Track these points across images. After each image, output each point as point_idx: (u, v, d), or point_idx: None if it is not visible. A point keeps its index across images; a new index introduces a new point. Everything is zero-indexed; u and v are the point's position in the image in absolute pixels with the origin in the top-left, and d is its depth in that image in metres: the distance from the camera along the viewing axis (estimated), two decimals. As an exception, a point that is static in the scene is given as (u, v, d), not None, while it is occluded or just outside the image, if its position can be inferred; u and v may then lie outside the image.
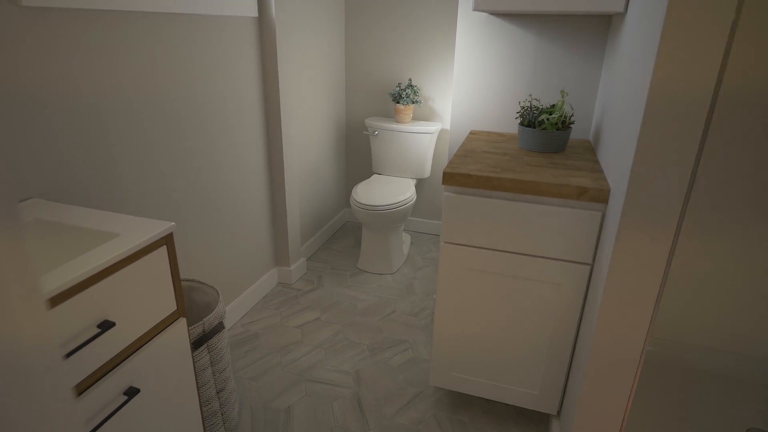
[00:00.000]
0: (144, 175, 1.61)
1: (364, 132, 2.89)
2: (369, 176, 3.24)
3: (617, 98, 1.36)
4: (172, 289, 1.16)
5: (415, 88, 2.83)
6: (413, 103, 2.82)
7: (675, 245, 1.09)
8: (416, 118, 3.00)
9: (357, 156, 3.25)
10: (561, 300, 1.43)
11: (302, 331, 2.18)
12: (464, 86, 1.96)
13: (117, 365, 1.03)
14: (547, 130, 1.59)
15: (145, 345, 1.10)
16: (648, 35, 1.06)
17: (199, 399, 1.32)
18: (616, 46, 1.53)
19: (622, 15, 1.51)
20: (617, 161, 1.23)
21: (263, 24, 2.11)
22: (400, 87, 2.84)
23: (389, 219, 2.50)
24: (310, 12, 2.54)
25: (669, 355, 1.99)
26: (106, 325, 0.96)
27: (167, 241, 1.13)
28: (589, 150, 1.69)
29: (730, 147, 1.70)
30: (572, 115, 1.67)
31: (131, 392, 1.05)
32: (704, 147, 1.69)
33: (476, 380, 1.65)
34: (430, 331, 2.20)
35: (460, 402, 1.79)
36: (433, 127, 2.78)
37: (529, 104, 1.85)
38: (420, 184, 3.18)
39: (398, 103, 2.82)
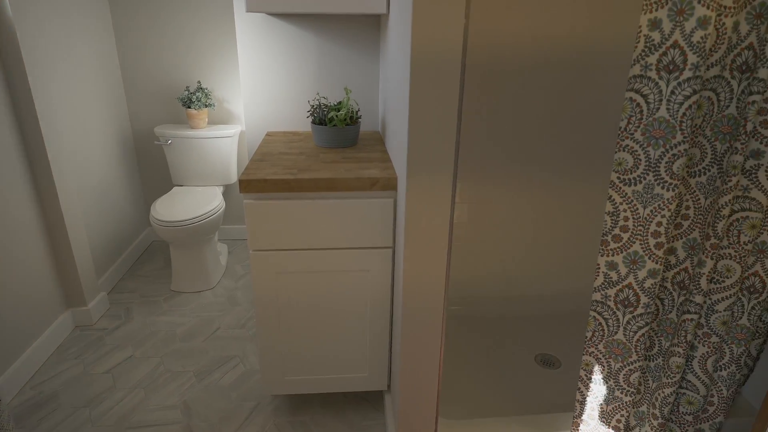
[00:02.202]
0: None
1: (156, 142, 2.64)
2: (170, 189, 2.98)
3: (391, 90, 1.49)
4: None
5: (206, 90, 2.68)
6: (206, 106, 2.67)
7: (453, 213, 1.25)
8: (213, 121, 2.85)
9: (152, 169, 2.96)
10: (372, 284, 1.53)
11: (113, 376, 1.92)
12: (254, 87, 1.93)
13: None
14: (337, 126, 1.66)
15: None
16: (404, 25, 1.18)
17: (-25, 495, 1.08)
18: (386, 42, 1.66)
19: (387, 15, 1.64)
20: (398, 149, 1.34)
21: (-4, 28, 1.75)
22: (189, 91, 2.66)
23: (197, 233, 2.35)
24: (63, 13, 2.20)
25: (470, 310, 2.29)
26: None
27: None
28: (379, 141, 1.82)
29: (483, 109, 1.99)
30: (358, 110, 1.77)
31: None
32: (462, 117, 1.96)
33: (309, 378, 1.67)
34: (260, 340, 2.15)
35: (299, 403, 1.80)
36: (232, 130, 2.68)
37: (317, 102, 1.91)
38: (229, 190, 3.04)
39: (189, 108, 2.64)
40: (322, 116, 1.70)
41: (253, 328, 2.24)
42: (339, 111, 1.68)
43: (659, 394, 1.45)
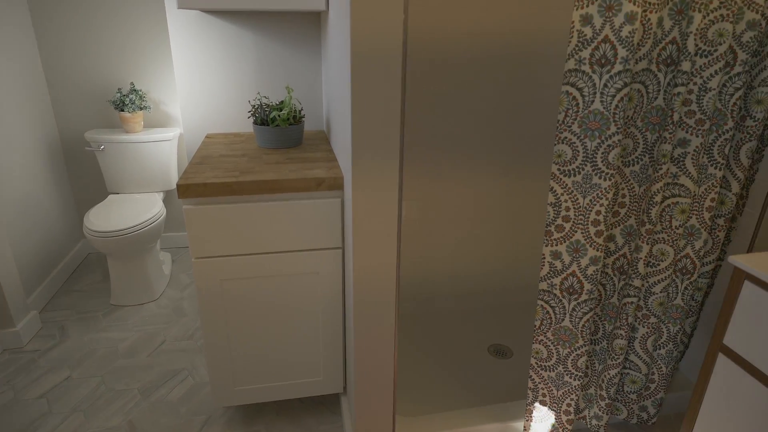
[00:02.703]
0: None
1: (87, 148, 2.48)
2: (104, 198, 2.82)
3: (334, 88, 1.46)
4: None
5: (139, 92, 2.54)
6: (141, 109, 2.54)
7: (401, 210, 1.24)
8: (150, 125, 2.71)
9: (85, 177, 2.78)
10: (323, 286, 1.50)
11: (48, 400, 1.79)
12: (190, 88, 1.84)
13: None
14: (280, 126, 1.62)
15: None
16: (343, 20, 1.16)
17: None
18: (327, 40, 1.63)
19: (326, 12, 1.61)
20: (343, 147, 1.32)
21: None
22: (121, 93, 2.52)
23: (136, 242, 2.23)
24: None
25: (422, 307, 2.30)
26: None
27: None
28: (324, 140, 1.79)
29: (426, 105, 2.00)
30: (302, 110, 1.73)
31: None
32: (405, 113, 1.96)
33: (262, 386, 1.62)
34: (210, 350, 2.06)
35: (253, 413, 1.74)
36: (171, 133, 2.56)
37: (258, 102, 1.85)
38: (170, 196, 2.91)
39: (123, 111, 2.50)
40: (264, 116, 1.65)
41: (202, 338, 2.15)
42: (281, 110, 1.63)
43: (605, 376, 1.51)
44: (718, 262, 1.58)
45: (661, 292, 1.44)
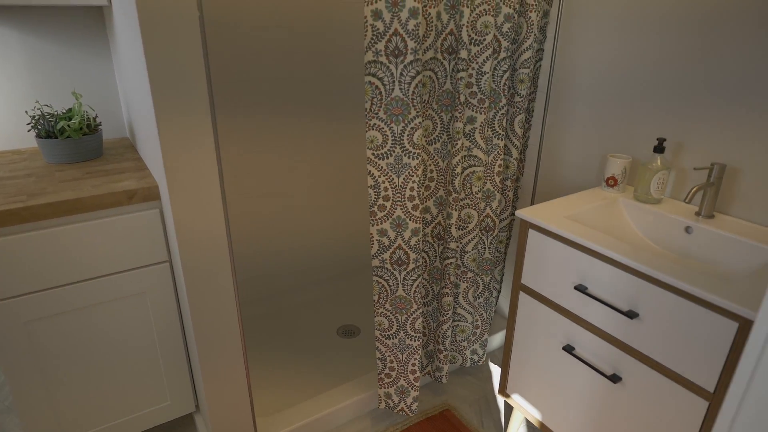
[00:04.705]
0: None
1: None
2: None
3: (131, 88, 1.35)
4: None
5: None
6: None
7: (227, 211, 1.21)
8: None
9: None
10: (154, 305, 1.39)
11: None
12: (-61, 101, 1.51)
13: None
14: (72, 137, 1.43)
15: None
16: (129, 11, 1.07)
17: None
18: (115, 36, 1.48)
19: (110, 7, 1.46)
20: (152, 152, 1.23)
21: None
22: None
23: None
24: None
25: (267, 306, 2.29)
26: None
27: None
28: (130, 148, 1.64)
29: (239, 98, 1.97)
30: (96, 116, 1.55)
31: None
32: (216, 109, 1.91)
33: (100, 429, 1.44)
34: (22, 407, 1.76)
35: (91, 461, 1.55)
36: None
37: (39, 112, 1.60)
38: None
39: None
40: (49, 128, 1.44)
41: (10, 396, 1.82)
42: (71, 119, 1.44)
43: (439, 332, 1.71)
44: (511, 217, 1.88)
45: (472, 249, 1.66)
